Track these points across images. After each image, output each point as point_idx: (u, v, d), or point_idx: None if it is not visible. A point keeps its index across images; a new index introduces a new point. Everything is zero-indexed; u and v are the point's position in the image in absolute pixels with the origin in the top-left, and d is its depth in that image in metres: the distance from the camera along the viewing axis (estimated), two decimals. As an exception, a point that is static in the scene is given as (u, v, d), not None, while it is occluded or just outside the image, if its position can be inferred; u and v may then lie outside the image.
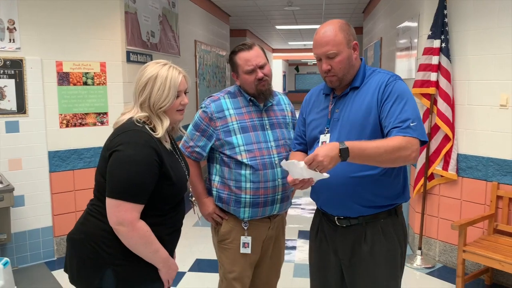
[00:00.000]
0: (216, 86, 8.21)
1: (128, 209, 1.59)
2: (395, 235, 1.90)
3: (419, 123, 1.75)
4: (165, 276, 1.75)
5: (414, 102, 1.80)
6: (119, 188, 1.59)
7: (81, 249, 1.69)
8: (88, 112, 4.00)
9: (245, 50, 2.13)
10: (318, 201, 2.02)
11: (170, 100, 1.69)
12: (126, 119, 1.71)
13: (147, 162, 1.60)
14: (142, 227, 1.62)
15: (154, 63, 1.74)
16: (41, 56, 3.73)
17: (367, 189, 1.83)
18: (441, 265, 3.81)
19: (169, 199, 1.73)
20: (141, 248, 1.65)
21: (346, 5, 8.40)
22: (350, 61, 1.85)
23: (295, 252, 4.16)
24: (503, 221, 3.37)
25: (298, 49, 19.58)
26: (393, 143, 1.65)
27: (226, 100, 2.19)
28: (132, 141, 1.62)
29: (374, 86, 1.83)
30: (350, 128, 1.82)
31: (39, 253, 3.85)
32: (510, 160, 3.32)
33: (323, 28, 1.86)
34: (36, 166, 3.78)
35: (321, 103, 2.00)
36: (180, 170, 1.80)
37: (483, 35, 3.42)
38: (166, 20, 5.34)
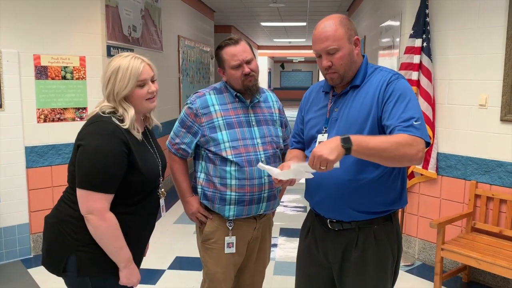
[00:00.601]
0: (200, 82, 8.15)
1: (97, 198, 1.64)
2: (388, 242, 1.83)
3: (423, 123, 1.67)
4: (124, 279, 1.76)
5: (416, 101, 1.74)
6: (87, 179, 1.64)
7: (51, 232, 1.77)
8: (66, 107, 3.93)
9: (231, 45, 2.09)
10: (311, 202, 1.96)
11: (130, 87, 1.73)
12: (95, 112, 1.76)
13: (114, 152, 1.65)
14: (110, 219, 1.67)
15: (117, 56, 1.79)
16: (18, 49, 3.64)
17: (362, 193, 1.76)
18: (420, 262, 3.85)
19: (137, 188, 1.76)
20: (106, 240, 1.69)
21: (331, 3, 8.42)
22: (352, 57, 1.78)
23: (276, 249, 4.15)
24: (480, 220, 3.42)
25: (283, 46, 19.60)
26: (398, 139, 1.58)
27: (211, 96, 2.16)
28: (98, 132, 1.67)
29: (375, 85, 1.76)
30: (348, 128, 1.75)
31: (15, 251, 3.77)
32: (488, 160, 3.37)
33: (323, 23, 1.78)
34: (13, 162, 3.70)
35: (320, 101, 1.93)
36: (150, 160, 1.83)
37: (463, 35, 3.45)
38: (148, 15, 5.27)
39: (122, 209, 1.73)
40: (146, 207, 1.83)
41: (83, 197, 1.65)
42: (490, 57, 3.30)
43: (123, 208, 1.73)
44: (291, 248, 4.21)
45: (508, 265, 2.88)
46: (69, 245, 1.71)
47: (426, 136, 1.66)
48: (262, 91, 2.28)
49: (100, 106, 1.76)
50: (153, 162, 1.84)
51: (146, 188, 1.81)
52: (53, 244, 1.76)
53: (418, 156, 1.60)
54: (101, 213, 1.64)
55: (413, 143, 1.59)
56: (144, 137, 1.84)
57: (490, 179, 3.36)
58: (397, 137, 1.59)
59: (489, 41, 3.30)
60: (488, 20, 3.29)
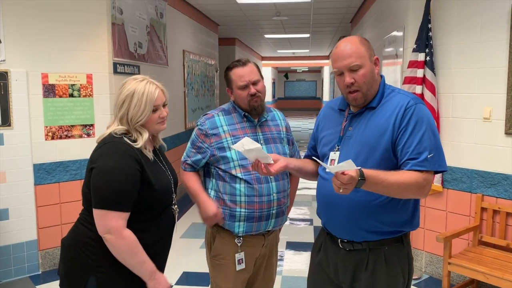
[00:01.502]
0: (204, 95, 8.22)
1: (113, 217, 1.67)
2: (398, 265, 1.81)
3: (437, 153, 1.70)
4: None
5: (433, 129, 1.73)
6: (103, 199, 1.68)
7: (68, 255, 1.79)
8: (74, 124, 3.98)
9: (239, 66, 2.17)
10: (322, 220, 1.97)
11: (147, 115, 1.79)
12: (108, 133, 1.80)
13: (127, 171, 1.69)
14: (128, 236, 1.70)
15: (131, 80, 1.83)
16: (26, 68, 3.70)
17: (372, 214, 1.76)
18: (428, 276, 3.84)
19: (152, 205, 1.80)
20: (127, 257, 1.71)
21: (333, 15, 8.48)
22: (373, 76, 1.78)
23: (282, 263, 4.15)
24: (487, 233, 3.41)
25: (287, 56, 19.69)
26: (409, 181, 1.63)
27: (220, 117, 2.22)
28: (111, 152, 1.72)
29: (392, 109, 1.75)
30: (361, 149, 1.75)
31: (23, 267, 3.80)
32: (494, 173, 3.37)
33: (344, 42, 1.80)
34: (21, 179, 3.74)
35: (335, 119, 1.94)
36: (163, 177, 1.87)
37: (466, 49, 3.48)
38: (154, 31, 5.34)
39: (139, 226, 1.75)
40: (161, 224, 1.86)
41: (100, 216, 1.69)
42: (493, 70, 3.32)
43: (140, 225, 1.76)
44: (297, 262, 4.21)
45: (516, 279, 2.87)
46: (88, 266, 1.73)
47: (440, 166, 1.69)
48: (269, 110, 2.34)
49: (113, 128, 1.79)
50: (166, 179, 1.89)
51: (161, 205, 1.84)
52: (72, 266, 1.77)
53: (424, 193, 1.68)
54: (118, 231, 1.67)
55: (423, 183, 1.64)
56: (155, 155, 1.89)
57: (496, 192, 3.36)
58: (409, 178, 1.64)
59: (492, 54, 3.32)
60: (491, 34, 3.32)
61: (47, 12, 3.78)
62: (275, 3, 7.17)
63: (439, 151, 1.71)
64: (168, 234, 1.92)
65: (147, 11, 5.13)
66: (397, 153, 1.72)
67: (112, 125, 1.82)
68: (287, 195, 2.25)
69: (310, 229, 5.25)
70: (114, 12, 4.20)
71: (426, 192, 1.68)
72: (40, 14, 3.75)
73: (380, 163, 1.71)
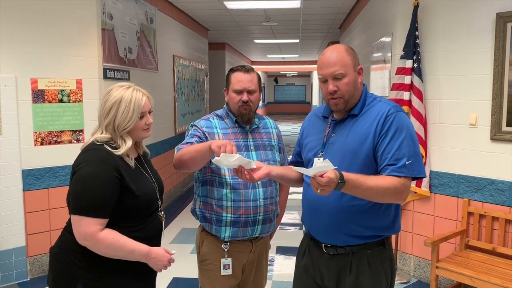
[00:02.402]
0: (194, 99, 8.22)
1: (87, 223, 1.67)
2: (381, 267, 1.86)
3: (416, 160, 1.75)
4: (155, 267, 1.83)
5: (412, 136, 1.79)
6: (78, 204, 1.69)
7: (56, 263, 1.79)
8: (63, 129, 3.96)
9: (241, 71, 2.20)
10: (306, 225, 2.01)
11: (134, 121, 1.80)
12: (91, 140, 1.82)
13: (105, 177, 1.69)
14: (105, 237, 1.69)
15: (118, 87, 1.83)
16: (15, 73, 3.68)
17: (354, 219, 1.81)
18: (416, 280, 3.88)
19: (136, 212, 1.80)
20: (114, 254, 1.72)
21: (323, 21, 8.55)
22: (356, 85, 1.84)
23: (273, 268, 4.17)
24: (474, 237, 3.46)
25: (277, 61, 19.77)
26: (387, 185, 1.68)
27: (214, 120, 2.26)
28: (90, 159, 1.73)
29: (374, 116, 1.81)
30: (344, 155, 1.81)
31: (11, 274, 3.76)
32: (480, 178, 3.43)
33: (330, 50, 1.85)
34: (9, 185, 3.71)
35: (319, 126, 1.99)
36: (146, 184, 1.87)
37: (453, 56, 3.55)
38: (144, 36, 5.34)
39: (125, 232, 1.75)
40: (148, 229, 1.86)
41: (76, 222, 1.69)
42: (479, 77, 3.39)
43: (126, 232, 1.76)
44: (287, 267, 4.22)
45: (502, 282, 2.92)
46: (75, 273, 1.73)
47: (419, 173, 1.75)
48: (261, 117, 2.36)
49: (96, 136, 1.81)
50: (149, 186, 1.88)
51: (145, 211, 1.84)
52: (60, 274, 1.77)
53: (402, 198, 1.74)
54: (93, 237, 1.67)
55: (401, 188, 1.70)
56: (138, 163, 1.89)
57: (482, 197, 3.42)
58: (387, 182, 1.69)
59: (477, 62, 3.39)
60: (476, 42, 3.39)
61: (36, 17, 3.77)
62: (264, 9, 7.21)
63: (417, 158, 1.76)
64: (156, 240, 1.92)
65: (137, 17, 5.13)
66: (377, 158, 1.78)
67: (96, 133, 1.83)
68: (275, 202, 2.26)
69: (300, 234, 5.27)
70: (104, 17, 4.21)
71: (404, 197, 1.75)
72: (30, 19, 3.73)
73: (362, 168, 1.75)
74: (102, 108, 1.81)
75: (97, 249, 1.70)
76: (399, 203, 1.87)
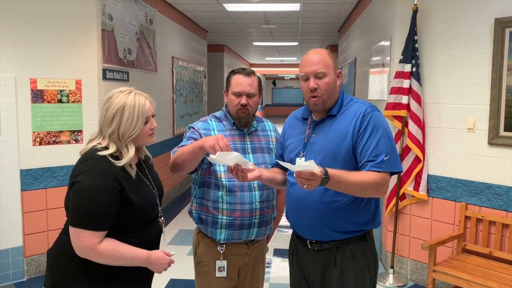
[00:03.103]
0: (193, 101, 8.23)
1: (87, 236, 1.64)
2: (364, 260, 1.95)
3: (393, 155, 1.85)
4: (155, 270, 1.83)
5: (389, 134, 1.89)
6: (77, 217, 1.66)
7: (54, 266, 1.76)
8: (62, 130, 3.96)
9: (242, 74, 2.19)
10: (291, 223, 2.07)
11: (139, 128, 1.75)
12: (90, 147, 1.76)
13: (105, 189, 1.65)
14: (105, 248, 1.66)
15: (118, 93, 1.77)
16: (15, 73, 3.68)
17: (337, 214, 1.89)
18: (413, 283, 3.89)
19: (135, 222, 1.78)
20: (114, 263, 1.71)
21: (321, 24, 8.58)
22: (334, 86, 1.94)
23: (270, 270, 4.17)
24: (471, 241, 3.48)
25: (275, 64, 19.81)
26: (368, 180, 1.77)
27: (212, 122, 2.26)
28: (91, 170, 1.67)
29: (351, 116, 1.91)
30: (325, 155, 1.89)
31: (8, 274, 3.75)
32: (477, 182, 3.44)
33: (313, 51, 1.95)
34: (7, 185, 3.70)
35: (299, 127, 2.08)
36: (146, 193, 1.83)
37: (451, 61, 3.57)
38: (143, 37, 5.35)
39: (125, 239, 1.74)
40: (148, 236, 1.84)
41: (74, 234, 1.66)
42: (477, 82, 3.41)
43: (126, 238, 1.74)
44: (285, 269, 4.23)
45: (499, 286, 2.94)
46: (74, 277, 1.72)
47: (396, 167, 1.85)
48: (260, 120, 2.36)
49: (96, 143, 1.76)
50: (149, 194, 1.85)
51: (145, 220, 1.82)
52: (58, 277, 1.75)
53: (382, 192, 1.82)
54: (92, 249, 1.65)
55: (381, 182, 1.80)
56: (139, 169, 1.83)
57: (480, 201, 3.44)
58: (367, 177, 1.77)
59: (475, 67, 3.41)
60: (475, 47, 3.41)
61: (36, 17, 3.77)
62: (264, 12, 7.23)
63: (394, 154, 1.87)
64: (155, 246, 1.89)
65: (137, 18, 5.14)
66: (357, 156, 1.87)
67: (96, 139, 1.78)
68: (271, 205, 2.26)
69: (297, 236, 5.27)
70: (104, 18, 4.21)
71: (384, 191, 1.84)
72: (30, 19, 3.74)
73: (343, 166, 1.83)
74: (104, 116, 1.75)
75: (98, 260, 1.68)
76: (379, 198, 1.96)
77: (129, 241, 1.74)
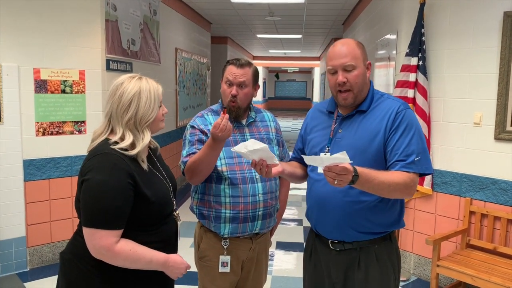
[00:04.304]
0: (196, 93, 8.20)
1: (102, 236, 1.55)
2: (389, 261, 1.87)
3: (424, 156, 1.77)
4: (172, 275, 1.73)
5: (421, 133, 1.80)
6: (91, 217, 1.56)
7: (70, 270, 1.67)
8: (65, 120, 3.94)
9: (234, 65, 2.15)
10: (312, 222, 1.98)
11: (156, 111, 1.70)
12: (99, 141, 1.68)
13: (118, 185, 1.56)
14: (122, 249, 1.57)
15: (129, 78, 1.70)
16: (18, 63, 3.66)
17: (362, 215, 1.80)
18: (416, 278, 3.88)
19: (151, 218, 1.69)
20: (131, 265, 1.62)
21: (326, 17, 8.51)
22: (365, 79, 1.83)
23: (272, 263, 4.16)
24: (475, 236, 3.46)
25: (279, 57, 19.72)
26: (398, 180, 1.69)
27: (209, 116, 2.22)
28: (101, 166, 1.58)
29: (384, 113, 1.81)
30: (354, 152, 1.74)
31: (11, 264, 3.76)
32: (482, 177, 3.42)
33: (341, 42, 1.84)
34: (10, 175, 3.70)
35: (324, 121, 1.97)
36: (160, 187, 1.74)
37: (458, 54, 3.53)
38: (147, 28, 5.31)
39: (142, 237, 1.66)
40: (165, 232, 1.76)
41: (89, 235, 1.56)
42: (484, 76, 3.37)
43: (142, 236, 1.66)
44: (287, 262, 4.22)
45: (503, 282, 2.92)
46: (90, 282, 1.63)
47: (427, 169, 1.76)
48: (258, 110, 2.32)
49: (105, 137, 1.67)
50: (163, 188, 1.76)
51: (161, 215, 1.74)
52: (74, 282, 1.66)
53: (410, 193, 1.75)
54: (109, 250, 1.56)
55: (410, 183, 1.72)
56: (150, 162, 1.75)
57: (485, 196, 3.42)
58: (397, 178, 1.70)
59: (483, 61, 3.37)
60: (483, 41, 3.37)
61: (40, 7, 3.74)
62: (268, 3, 7.18)
63: (425, 155, 1.78)
64: (171, 242, 1.82)
65: (141, 8, 5.10)
66: (387, 154, 1.78)
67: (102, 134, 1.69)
68: (275, 197, 2.23)
69: (300, 229, 5.27)
70: (108, 8, 4.18)
71: (412, 192, 1.76)
72: (34, 8, 3.71)
73: (372, 165, 1.74)
74: (118, 104, 1.65)
75: (114, 262, 1.58)
76: (405, 199, 1.88)
77: (145, 239, 1.66)
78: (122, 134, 1.65)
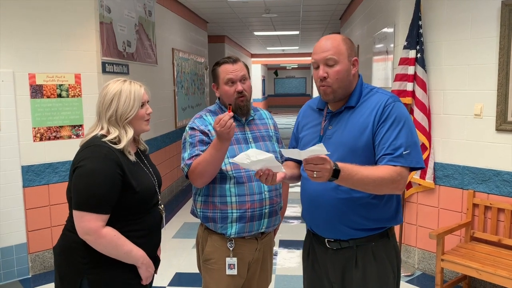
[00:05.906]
0: (194, 93, 8.17)
1: (91, 219, 1.70)
2: (386, 259, 1.83)
3: (414, 150, 1.71)
4: (144, 274, 1.86)
5: (411, 126, 1.76)
6: (81, 200, 1.71)
7: (61, 262, 1.83)
8: (62, 125, 3.91)
9: (229, 63, 2.13)
10: (307, 222, 1.96)
11: (136, 109, 1.84)
12: (90, 136, 1.84)
13: (107, 173, 1.72)
14: (108, 233, 1.72)
15: (114, 82, 1.87)
16: (13, 68, 3.63)
17: (356, 212, 1.77)
18: (420, 272, 3.85)
19: (135, 207, 1.83)
20: (112, 252, 1.75)
21: (323, 12, 8.47)
22: (348, 75, 1.79)
23: (276, 262, 4.14)
24: (479, 229, 3.43)
25: (277, 54, 19.67)
26: (383, 175, 1.64)
27: (208, 117, 2.19)
28: (93, 155, 1.74)
29: (372, 107, 1.77)
30: (343, 149, 1.75)
31: (13, 271, 3.74)
32: (485, 169, 3.38)
33: (326, 37, 1.83)
34: (9, 182, 3.67)
35: (314, 118, 1.95)
36: (146, 179, 1.89)
37: (457, 46, 3.49)
38: (142, 29, 5.28)
39: (126, 226, 1.80)
40: (148, 223, 1.89)
41: (78, 217, 1.72)
42: (483, 67, 3.33)
43: (126, 226, 1.80)
44: (290, 261, 4.20)
45: (508, 274, 2.89)
46: (80, 270, 1.77)
47: (417, 163, 1.71)
48: (255, 109, 2.31)
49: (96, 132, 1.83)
50: (148, 180, 1.91)
51: (144, 206, 1.86)
52: (65, 272, 1.81)
53: (398, 188, 1.69)
54: (96, 232, 1.70)
55: (397, 178, 1.66)
56: (138, 158, 1.91)
57: (488, 188, 3.38)
58: (382, 172, 1.65)
59: (482, 51, 3.33)
60: (481, 31, 3.33)
61: (34, 11, 3.71)
62: (264, 1, 7.13)
63: (416, 148, 1.73)
64: (155, 233, 1.94)
65: (136, 9, 5.07)
66: (375, 148, 1.74)
67: (95, 130, 1.85)
68: (279, 193, 2.21)
69: (303, 227, 5.23)
70: (102, 10, 4.14)
71: (401, 188, 1.71)
72: (27, 13, 3.67)
73: (364, 161, 1.71)
74: (102, 103, 1.84)
75: (97, 244, 1.72)
76: (397, 194, 1.83)
77: (130, 228, 1.80)
78: (107, 129, 1.82)
